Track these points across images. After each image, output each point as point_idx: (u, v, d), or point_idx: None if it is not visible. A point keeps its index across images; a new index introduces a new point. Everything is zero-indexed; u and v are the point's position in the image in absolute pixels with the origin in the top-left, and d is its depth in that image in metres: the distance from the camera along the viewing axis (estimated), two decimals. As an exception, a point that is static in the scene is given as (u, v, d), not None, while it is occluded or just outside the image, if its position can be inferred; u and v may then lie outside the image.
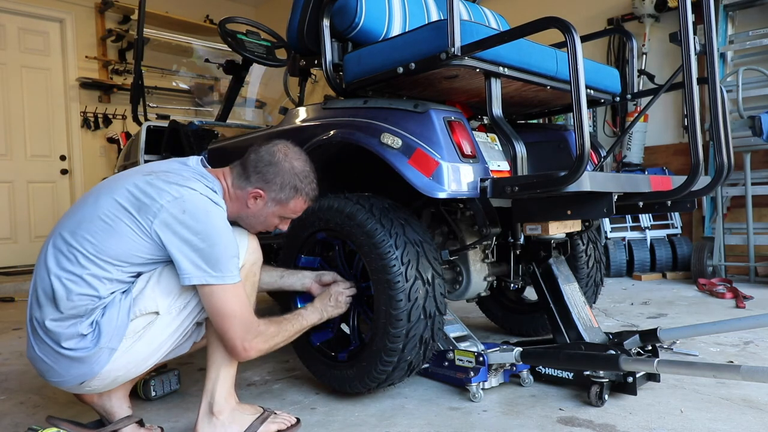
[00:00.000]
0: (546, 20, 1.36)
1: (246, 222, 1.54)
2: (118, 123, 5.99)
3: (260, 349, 1.41)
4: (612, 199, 1.53)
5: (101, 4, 5.85)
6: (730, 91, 3.77)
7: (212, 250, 1.32)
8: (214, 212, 1.37)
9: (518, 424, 1.53)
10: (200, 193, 1.37)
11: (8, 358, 2.52)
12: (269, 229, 1.58)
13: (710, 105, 1.58)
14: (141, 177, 1.40)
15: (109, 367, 1.33)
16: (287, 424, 1.53)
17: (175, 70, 6.26)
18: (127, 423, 1.51)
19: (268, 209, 1.51)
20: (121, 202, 1.35)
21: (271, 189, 1.48)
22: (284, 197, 1.50)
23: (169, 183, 1.37)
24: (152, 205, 1.33)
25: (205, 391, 1.47)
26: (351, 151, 1.86)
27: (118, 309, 1.33)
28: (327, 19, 1.82)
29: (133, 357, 1.35)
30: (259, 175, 1.47)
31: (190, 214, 1.33)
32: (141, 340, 1.35)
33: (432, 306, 1.62)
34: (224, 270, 1.33)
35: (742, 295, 3.19)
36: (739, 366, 1.38)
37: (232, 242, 1.37)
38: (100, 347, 1.31)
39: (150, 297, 1.35)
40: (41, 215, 5.56)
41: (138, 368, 1.40)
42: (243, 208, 1.50)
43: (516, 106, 2.13)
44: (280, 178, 1.48)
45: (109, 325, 1.32)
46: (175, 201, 1.33)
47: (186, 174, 1.41)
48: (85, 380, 1.35)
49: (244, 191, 1.48)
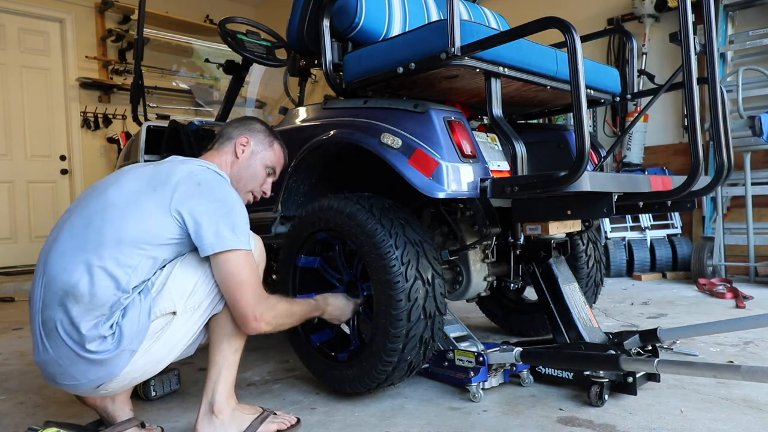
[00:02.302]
0: (546, 20, 1.36)
1: (239, 178, 1.64)
2: (118, 123, 5.99)
3: (270, 322, 1.41)
4: (612, 199, 1.52)
5: (101, 4, 5.85)
6: (730, 91, 3.77)
7: (230, 216, 1.38)
8: (225, 182, 1.47)
9: (518, 424, 1.53)
10: (207, 167, 1.48)
11: (8, 358, 2.52)
12: (259, 184, 1.69)
13: (710, 105, 1.58)
14: (143, 166, 1.48)
15: (128, 369, 1.33)
16: (287, 424, 1.53)
17: (175, 70, 6.26)
18: (129, 426, 1.50)
19: (256, 156, 1.66)
20: (136, 187, 1.39)
21: (254, 135, 1.67)
22: (267, 141, 1.69)
23: (175, 164, 1.46)
24: (168, 182, 1.39)
25: (206, 390, 1.47)
26: (351, 151, 1.86)
27: (139, 310, 1.31)
28: (327, 19, 1.82)
29: (150, 358, 1.36)
30: (238, 129, 1.66)
31: (206, 184, 1.41)
32: (159, 342, 1.35)
33: (432, 306, 1.61)
34: (240, 235, 1.37)
35: (742, 295, 3.20)
36: (739, 366, 1.37)
37: (244, 210, 1.44)
38: (121, 349, 1.30)
39: (167, 297, 1.34)
40: (41, 215, 5.56)
41: (153, 369, 1.40)
42: (234, 161, 1.64)
43: (516, 106, 2.13)
44: (257, 126, 1.69)
45: (131, 327, 1.30)
46: (188, 176, 1.41)
47: (182, 158, 1.53)
48: (103, 383, 1.33)
49: (232, 144, 1.64)
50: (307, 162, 1.95)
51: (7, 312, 3.90)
